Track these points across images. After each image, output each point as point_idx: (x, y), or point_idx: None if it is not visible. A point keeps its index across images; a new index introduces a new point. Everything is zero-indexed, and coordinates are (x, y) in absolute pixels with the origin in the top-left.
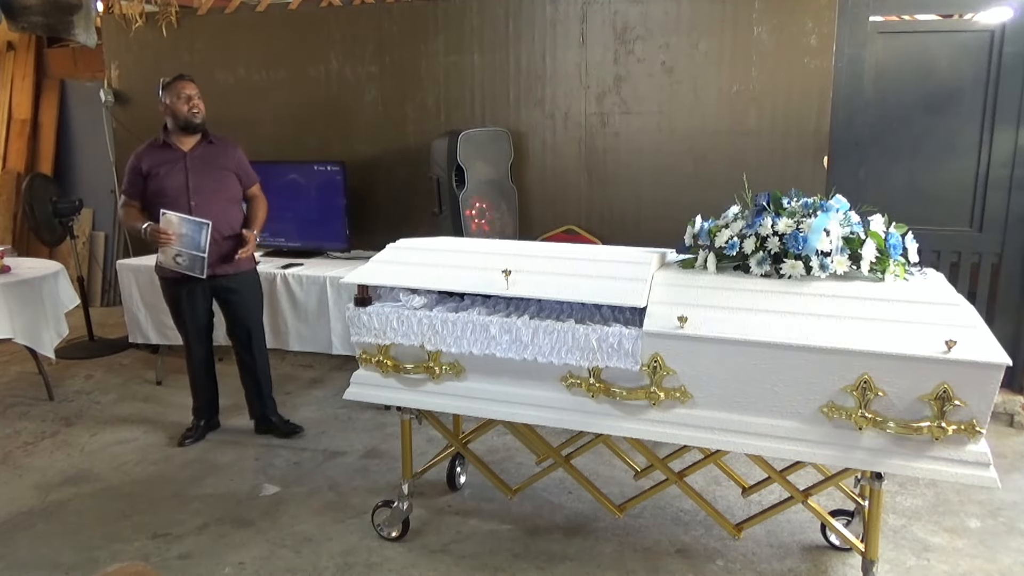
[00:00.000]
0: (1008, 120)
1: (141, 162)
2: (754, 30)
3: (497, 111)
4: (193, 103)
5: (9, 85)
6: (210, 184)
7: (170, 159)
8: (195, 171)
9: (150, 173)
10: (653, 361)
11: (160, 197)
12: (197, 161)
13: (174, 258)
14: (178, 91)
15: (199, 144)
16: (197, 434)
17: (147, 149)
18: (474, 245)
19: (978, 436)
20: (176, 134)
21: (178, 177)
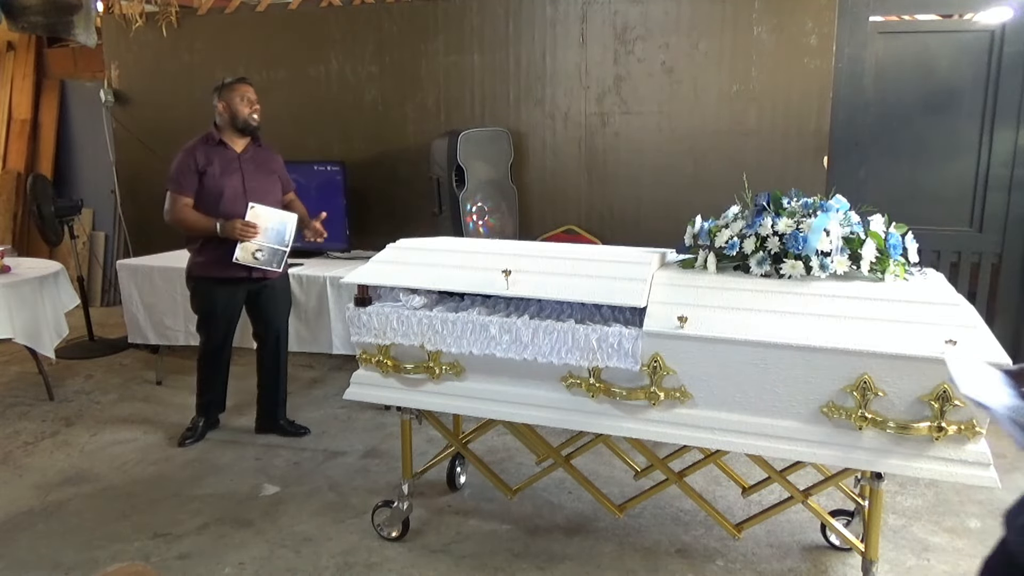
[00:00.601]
0: (1008, 120)
1: (196, 158)
2: (754, 30)
3: (497, 111)
4: (255, 106)
5: (9, 85)
6: (262, 187)
7: (225, 158)
8: (249, 173)
9: (205, 171)
10: (653, 361)
11: (216, 197)
12: (250, 164)
13: (254, 253)
14: (241, 93)
15: (249, 146)
16: (197, 434)
17: (200, 145)
18: (474, 245)
19: (978, 436)
20: (229, 135)
21: (235, 178)
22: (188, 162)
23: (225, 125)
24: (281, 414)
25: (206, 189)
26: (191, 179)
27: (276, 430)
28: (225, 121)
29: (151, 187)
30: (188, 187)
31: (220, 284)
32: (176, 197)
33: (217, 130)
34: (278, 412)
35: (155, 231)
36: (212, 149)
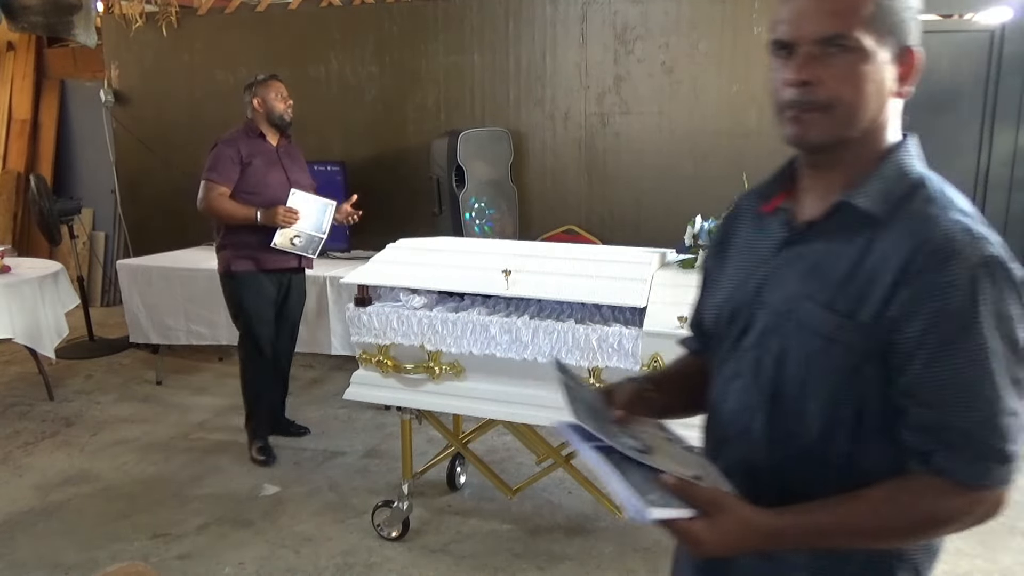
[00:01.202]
0: (1008, 120)
1: (239, 149)
2: (754, 30)
3: (497, 111)
4: (289, 103)
5: (9, 85)
6: (301, 180)
7: (265, 151)
8: (287, 166)
9: (250, 162)
10: (653, 361)
11: (261, 188)
12: (286, 158)
13: (292, 239)
14: (276, 89)
15: (281, 142)
16: (269, 452)
17: (241, 138)
18: (474, 245)
19: None
20: (267, 129)
21: (278, 170)
22: (230, 153)
23: (261, 120)
24: (282, 413)
25: (250, 181)
26: (232, 170)
27: (278, 429)
28: (261, 116)
29: (151, 187)
30: (227, 177)
31: (265, 275)
32: (213, 186)
33: (255, 124)
34: (283, 410)
35: (155, 231)
36: (253, 142)
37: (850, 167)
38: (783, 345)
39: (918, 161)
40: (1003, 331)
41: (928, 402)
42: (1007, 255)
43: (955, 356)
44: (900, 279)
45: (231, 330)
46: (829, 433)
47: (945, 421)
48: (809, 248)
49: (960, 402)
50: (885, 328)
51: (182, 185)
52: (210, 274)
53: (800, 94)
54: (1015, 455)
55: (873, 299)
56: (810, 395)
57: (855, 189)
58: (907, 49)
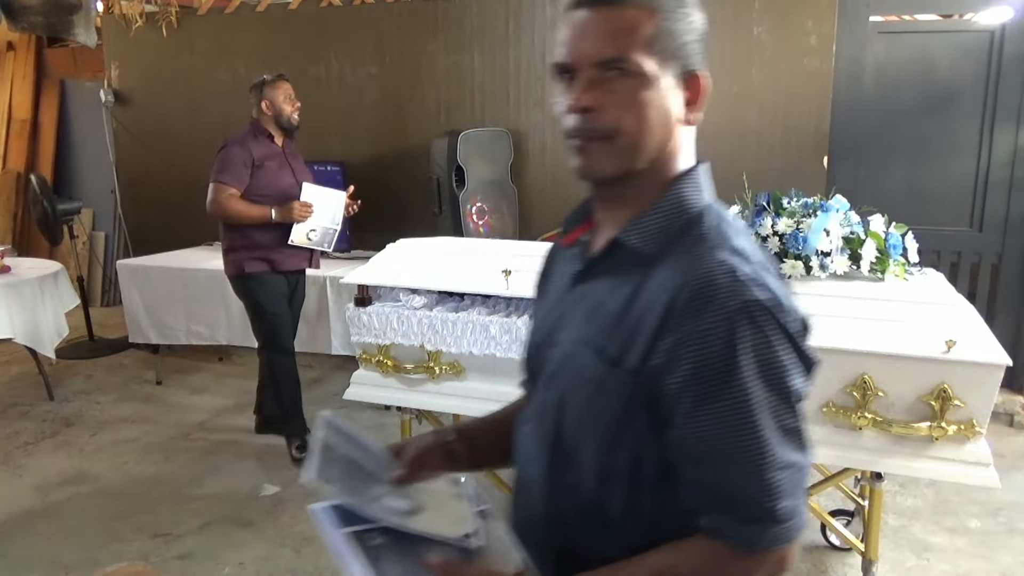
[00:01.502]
0: (1008, 120)
1: (251, 151)
2: (754, 30)
3: (497, 111)
4: (296, 105)
5: (9, 85)
6: (307, 179)
7: (274, 153)
8: (295, 168)
9: (262, 165)
10: None
11: (272, 190)
12: (292, 159)
13: (307, 234)
14: (285, 91)
15: (286, 142)
16: None
17: (250, 139)
18: (474, 245)
19: (978, 436)
20: (274, 130)
21: (287, 172)
22: (242, 155)
23: (268, 122)
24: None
25: (262, 183)
26: (243, 172)
27: (277, 429)
28: (268, 119)
29: (151, 187)
30: (238, 179)
31: (281, 275)
32: (223, 187)
33: (261, 125)
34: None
35: (155, 231)
36: (263, 143)
37: (636, 199)
38: (563, 389)
39: (703, 192)
40: (769, 380)
41: (695, 458)
42: (780, 299)
43: (715, 409)
44: (663, 325)
45: (231, 330)
46: (606, 486)
47: (713, 479)
48: (592, 286)
49: (724, 458)
50: (649, 377)
51: (182, 185)
52: (210, 274)
53: (582, 121)
54: (791, 512)
55: (638, 346)
56: (586, 444)
57: (630, 224)
58: (693, 74)
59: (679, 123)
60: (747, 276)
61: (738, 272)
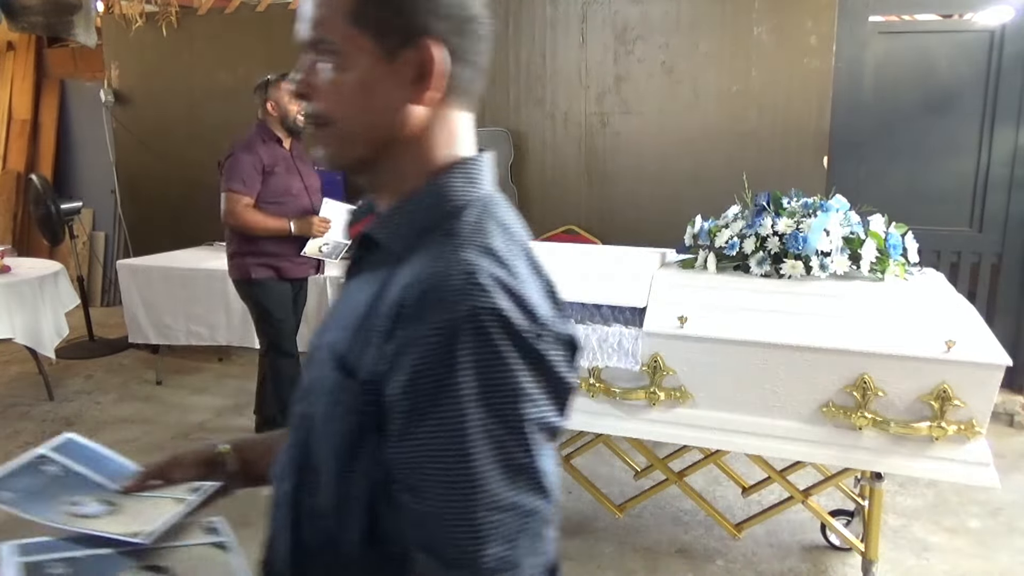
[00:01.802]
0: (1008, 120)
1: (262, 158)
2: (754, 30)
3: (497, 111)
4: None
5: (9, 85)
6: (314, 182)
7: (283, 157)
8: (303, 172)
9: (272, 171)
10: (653, 361)
11: (284, 196)
12: (299, 161)
13: (320, 247)
14: (287, 94)
15: (293, 144)
16: None
17: (259, 144)
18: None
19: (978, 436)
20: (280, 133)
21: (295, 176)
22: (254, 162)
23: (275, 124)
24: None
25: (272, 188)
26: (255, 179)
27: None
28: (275, 120)
29: (151, 187)
30: (251, 187)
31: (287, 281)
32: (237, 198)
33: (264, 128)
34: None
35: (155, 231)
36: (271, 148)
37: (392, 190)
38: (312, 401)
39: (477, 185)
40: (494, 404)
41: (408, 485)
42: (531, 310)
43: (426, 429)
44: (391, 328)
45: (231, 330)
46: (344, 515)
47: (421, 512)
48: (351, 285)
49: (433, 489)
50: (377, 388)
51: (182, 185)
52: (210, 274)
53: (305, 107)
54: (503, 562)
55: (370, 352)
56: (325, 462)
57: (380, 218)
58: (420, 46)
59: (407, 105)
60: (490, 279)
61: (478, 274)
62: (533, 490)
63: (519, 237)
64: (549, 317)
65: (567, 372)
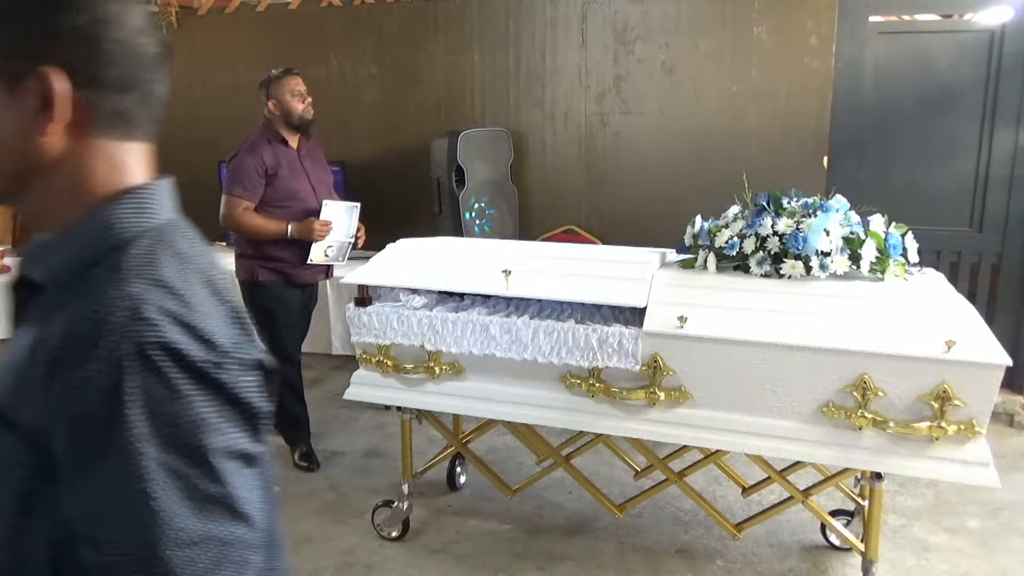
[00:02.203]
0: (1008, 120)
1: (264, 161)
2: (754, 30)
3: (497, 111)
4: (307, 99)
5: None
6: (324, 182)
7: (289, 158)
8: (310, 171)
9: (276, 173)
10: (653, 361)
11: (289, 200)
12: (307, 161)
13: (325, 251)
14: (292, 87)
15: (302, 143)
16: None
17: (263, 145)
18: (474, 245)
19: (978, 436)
20: (286, 131)
21: (302, 179)
22: (254, 164)
23: (279, 123)
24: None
25: (277, 191)
26: (256, 183)
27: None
28: (279, 119)
29: None
30: (252, 191)
31: (298, 287)
32: (237, 201)
33: (269, 128)
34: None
35: None
36: (276, 149)
37: (53, 225)
38: None
39: (147, 215)
40: (172, 437)
41: (87, 537)
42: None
43: (99, 476)
44: (50, 375)
45: None
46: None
47: (106, 562)
48: (17, 333)
49: (113, 536)
50: (45, 440)
51: (181, 185)
52: None
53: None
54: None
55: (34, 403)
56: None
57: (33, 257)
58: (39, 75)
59: (37, 136)
60: (158, 312)
61: (144, 308)
62: (229, 518)
63: (199, 264)
64: (231, 344)
65: (256, 396)
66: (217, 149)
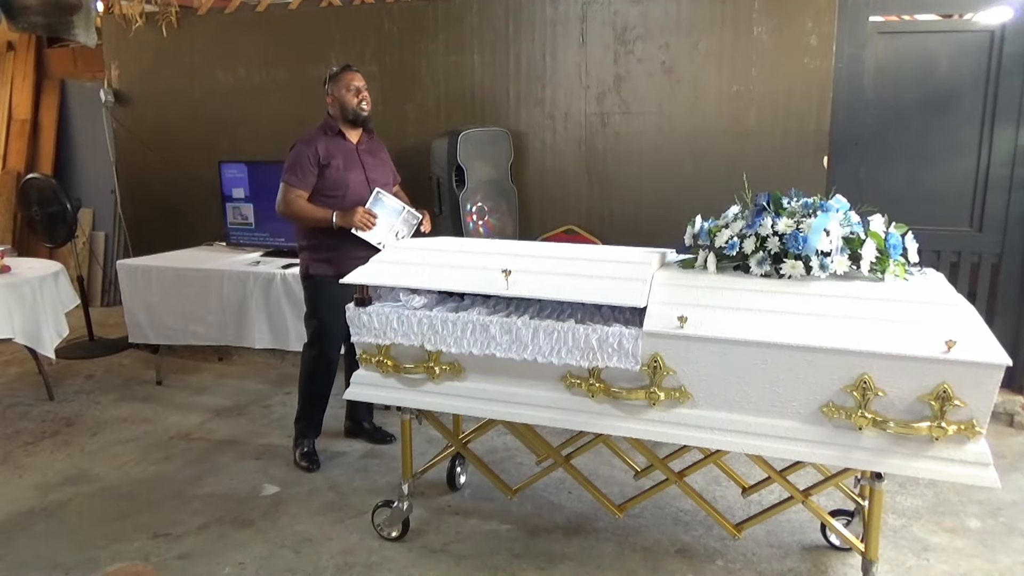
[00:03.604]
0: (1008, 120)
1: (317, 150)
2: (754, 30)
3: (497, 111)
4: (363, 95)
5: (9, 85)
6: (382, 179)
7: (345, 150)
8: (368, 165)
9: (328, 163)
10: (653, 361)
11: (341, 190)
12: (367, 155)
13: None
14: (347, 83)
15: (363, 137)
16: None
17: (319, 137)
18: (474, 245)
19: (978, 436)
20: (345, 126)
21: (357, 170)
22: (308, 155)
23: (338, 118)
24: (365, 416)
25: (330, 182)
26: (309, 172)
27: (361, 434)
28: (337, 113)
29: (151, 187)
30: (305, 181)
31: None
32: (289, 189)
33: (333, 121)
34: (360, 414)
35: (155, 231)
36: (332, 141)
37: None
38: None
39: None
40: None
41: None
42: None
43: None
44: None
45: (231, 330)
46: None
47: None
48: None
49: None
50: None
51: (182, 185)
52: (210, 274)
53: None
54: None
55: None
56: None
57: None
58: None
59: None
60: None
61: None
62: None
63: None
64: None
65: None
66: (217, 149)
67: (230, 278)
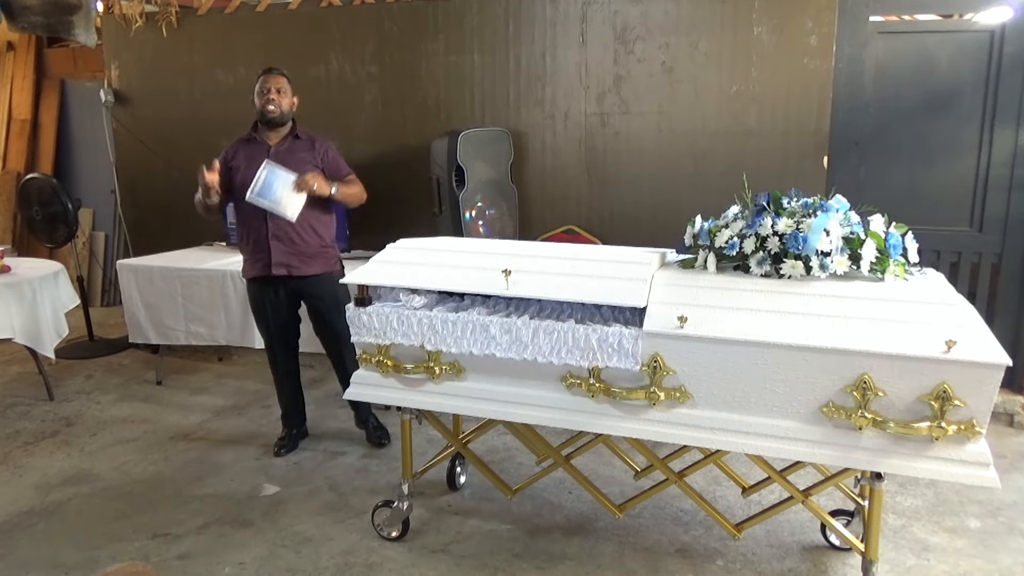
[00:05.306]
0: (1008, 120)
1: (226, 153)
2: (754, 30)
3: (497, 111)
4: (268, 97)
5: (9, 85)
6: None
7: (254, 152)
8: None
9: (233, 166)
10: (653, 361)
11: (243, 190)
12: (285, 156)
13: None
14: (260, 85)
15: (285, 139)
16: (289, 443)
17: (235, 142)
18: (474, 245)
19: (978, 436)
20: (263, 129)
21: (253, 171)
22: (219, 156)
23: (257, 119)
24: (364, 415)
25: (236, 184)
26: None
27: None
28: (256, 116)
29: (151, 187)
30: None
31: (261, 283)
32: None
33: (255, 126)
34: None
35: (155, 231)
36: (246, 144)
37: None
38: None
39: None
40: None
41: None
42: None
43: None
44: None
45: (231, 330)
46: None
47: None
48: None
49: None
50: None
51: (182, 185)
52: (210, 274)
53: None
54: None
55: None
56: None
57: None
58: None
59: None
60: None
61: None
62: None
63: None
64: None
65: None
66: (217, 149)
67: (230, 278)
